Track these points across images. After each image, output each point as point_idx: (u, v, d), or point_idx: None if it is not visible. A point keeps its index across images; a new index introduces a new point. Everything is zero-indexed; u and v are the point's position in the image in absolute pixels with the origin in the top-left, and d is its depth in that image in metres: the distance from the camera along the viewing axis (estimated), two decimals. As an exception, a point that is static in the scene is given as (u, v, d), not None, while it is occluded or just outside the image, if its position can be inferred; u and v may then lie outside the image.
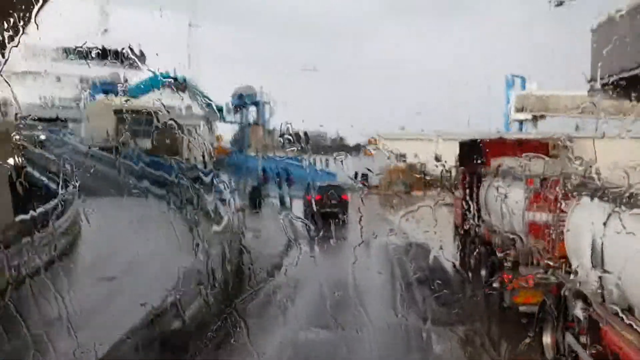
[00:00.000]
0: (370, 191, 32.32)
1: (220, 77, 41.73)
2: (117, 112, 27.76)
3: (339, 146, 40.91)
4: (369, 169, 34.03)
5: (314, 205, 22.54)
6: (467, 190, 14.52)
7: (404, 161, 35.95)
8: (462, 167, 14.96)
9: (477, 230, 13.78)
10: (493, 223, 12.59)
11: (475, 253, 13.54)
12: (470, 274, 13.63)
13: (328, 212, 20.65)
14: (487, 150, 13.71)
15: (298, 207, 26.67)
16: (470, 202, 14.14)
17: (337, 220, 19.92)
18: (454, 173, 15.88)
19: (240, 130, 42.07)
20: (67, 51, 38.10)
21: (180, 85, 38.66)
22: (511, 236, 11.22)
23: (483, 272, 12.53)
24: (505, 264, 10.96)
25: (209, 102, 40.69)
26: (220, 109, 40.30)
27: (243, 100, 41.01)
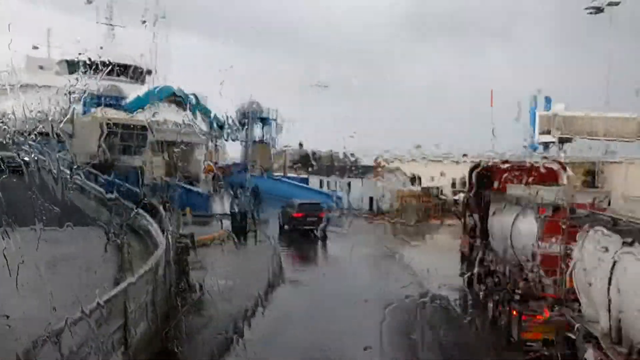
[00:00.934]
0: (377, 218, 31.80)
1: (230, 94, 41.87)
2: (106, 126, 27.72)
3: (350, 167, 40.51)
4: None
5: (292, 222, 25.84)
6: (474, 217, 14.78)
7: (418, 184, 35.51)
8: (470, 193, 15.35)
9: (483, 259, 13.90)
10: (501, 253, 12.60)
11: (482, 284, 13.61)
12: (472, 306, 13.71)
13: (307, 229, 25.07)
14: (495, 175, 14.03)
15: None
16: (477, 230, 14.42)
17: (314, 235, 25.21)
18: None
19: (244, 149, 42.32)
20: (71, 64, 39.13)
21: (181, 100, 39.53)
22: (521, 268, 11.22)
23: (490, 305, 12.49)
24: (515, 297, 10.92)
25: (210, 118, 41.40)
26: (221, 125, 40.81)
27: (248, 117, 41.43)
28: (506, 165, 13.85)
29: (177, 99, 40.61)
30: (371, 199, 36.43)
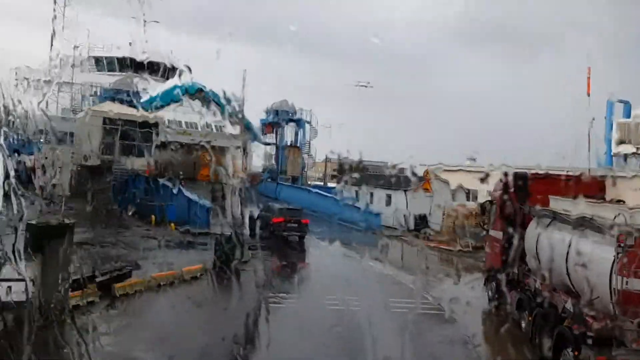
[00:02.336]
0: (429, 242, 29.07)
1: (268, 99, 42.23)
2: (108, 123, 27.81)
3: (395, 177, 39.59)
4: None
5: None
6: (509, 232, 14.65)
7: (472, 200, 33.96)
8: (502, 204, 15.34)
9: (525, 282, 13.74)
10: (548, 278, 12.11)
11: (526, 312, 13.25)
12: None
13: (288, 236, 24.95)
14: (534, 186, 13.98)
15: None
16: (512, 246, 14.24)
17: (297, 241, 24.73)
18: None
19: (274, 153, 42.41)
20: (97, 61, 40.52)
21: (206, 99, 39.98)
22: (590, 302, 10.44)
23: (545, 342, 11.92)
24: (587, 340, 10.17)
25: (236, 118, 41.65)
26: (248, 126, 41.13)
27: (278, 118, 41.42)
28: (547, 175, 14.18)
29: (204, 97, 41.14)
30: (418, 217, 34.16)
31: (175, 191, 26.90)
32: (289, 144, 42.56)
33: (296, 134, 42.71)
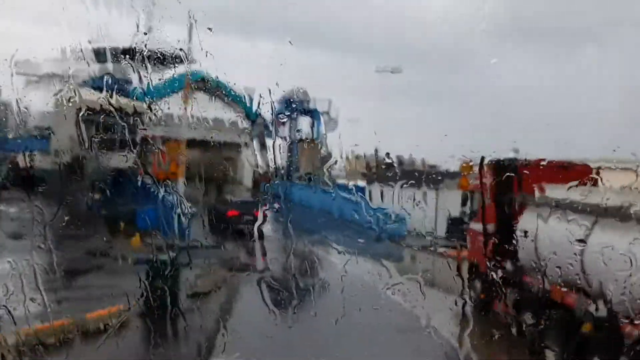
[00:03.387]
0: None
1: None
2: (85, 113, 26.95)
3: (427, 175, 37.95)
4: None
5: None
6: (498, 225, 15.00)
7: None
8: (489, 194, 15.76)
9: (524, 280, 13.70)
10: (564, 277, 11.73)
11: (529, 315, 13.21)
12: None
13: (242, 228, 25.61)
14: (528, 174, 14.14)
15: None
16: (503, 241, 14.30)
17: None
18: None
19: (287, 149, 41.54)
20: (97, 53, 41.01)
21: (213, 89, 39.51)
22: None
23: (556, 351, 11.92)
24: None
25: (250, 112, 41.17)
26: (258, 118, 40.43)
27: (292, 108, 40.51)
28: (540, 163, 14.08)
29: (208, 87, 40.83)
30: (453, 220, 32.29)
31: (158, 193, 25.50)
32: (303, 137, 41.17)
33: (312, 127, 41.47)
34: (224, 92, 39.21)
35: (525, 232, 13.22)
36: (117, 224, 24.52)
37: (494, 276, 14.56)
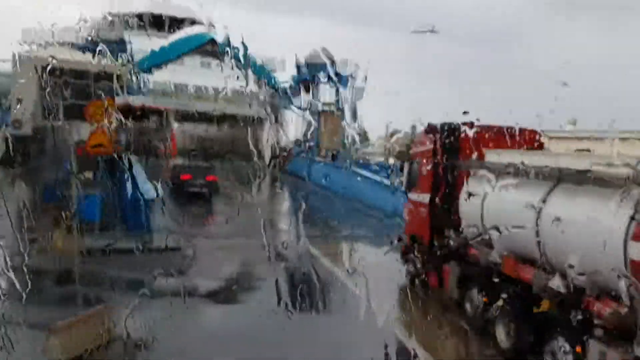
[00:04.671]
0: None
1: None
2: (49, 75, 25.50)
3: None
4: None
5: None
6: (439, 194, 15.53)
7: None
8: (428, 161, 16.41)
9: (470, 253, 14.06)
10: (517, 248, 12.12)
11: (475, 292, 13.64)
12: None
13: (196, 192, 32.01)
14: (473, 138, 14.87)
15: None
16: (444, 210, 15.07)
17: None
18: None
19: (308, 120, 41.90)
20: (114, 19, 42.60)
21: (220, 53, 40.19)
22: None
23: (510, 331, 11.99)
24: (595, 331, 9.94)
25: (268, 79, 41.62)
26: (276, 87, 40.84)
27: (313, 73, 40.73)
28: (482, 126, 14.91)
29: (216, 51, 41.52)
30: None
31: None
32: (325, 108, 41.35)
33: (336, 95, 41.58)
34: (233, 54, 39.67)
35: (469, 198, 13.69)
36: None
37: (434, 250, 15.53)
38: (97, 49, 32.85)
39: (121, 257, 17.18)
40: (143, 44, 39.35)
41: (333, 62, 40.64)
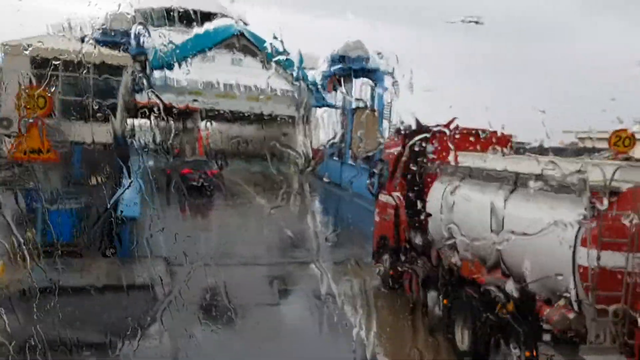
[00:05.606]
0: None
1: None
2: (38, 65, 23.14)
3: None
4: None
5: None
6: (406, 196, 16.95)
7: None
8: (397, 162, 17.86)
9: (435, 255, 15.42)
10: (477, 252, 13.22)
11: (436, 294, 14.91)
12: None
13: (196, 186, 34.70)
14: (441, 140, 16.28)
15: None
16: (412, 212, 16.43)
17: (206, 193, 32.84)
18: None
19: (341, 119, 42.83)
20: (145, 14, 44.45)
21: (246, 47, 41.71)
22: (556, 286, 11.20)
23: (466, 334, 13.23)
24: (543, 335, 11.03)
25: (300, 75, 42.74)
26: (306, 81, 41.79)
27: (347, 67, 41.49)
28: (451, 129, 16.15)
29: (243, 45, 42.88)
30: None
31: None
32: (359, 105, 42.35)
33: (372, 91, 42.50)
34: (259, 48, 40.99)
35: (434, 200, 15.01)
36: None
37: (401, 251, 16.98)
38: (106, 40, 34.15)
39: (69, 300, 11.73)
40: (165, 39, 40.85)
41: (368, 57, 41.51)
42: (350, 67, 41.62)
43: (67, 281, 12.84)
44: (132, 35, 36.54)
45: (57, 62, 22.54)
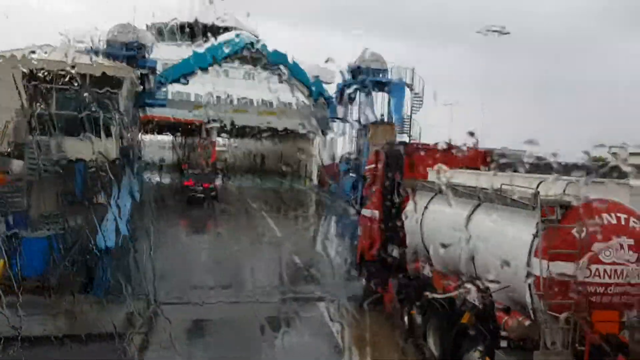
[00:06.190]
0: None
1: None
2: (32, 79, 22.16)
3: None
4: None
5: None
6: (385, 210, 18.69)
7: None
8: (376, 178, 19.70)
9: (410, 267, 16.99)
10: (448, 264, 14.68)
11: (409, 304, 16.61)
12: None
13: (197, 197, 43.29)
14: (414, 158, 17.74)
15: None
16: (390, 226, 17.89)
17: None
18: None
19: (357, 133, 43.56)
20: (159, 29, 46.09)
21: (258, 59, 43.14)
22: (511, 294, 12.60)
23: (436, 342, 14.84)
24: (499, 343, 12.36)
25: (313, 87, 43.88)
26: (320, 95, 42.95)
27: (362, 78, 42.43)
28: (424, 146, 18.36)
29: (255, 57, 44.29)
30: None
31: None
32: (374, 120, 42.02)
33: (388, 104, 42.79)
34: (269, 60, 42.31)
35: (410, 215, 16.49)
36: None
37: (379, 263, 18.63)
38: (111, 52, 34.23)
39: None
40: (175, 52, 42.64)
41: (385, 70, 42.04)
42: (365, 79, 41.97)
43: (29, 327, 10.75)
44: (139, 48, 36.88)
45: (48, 75, 21.95)
